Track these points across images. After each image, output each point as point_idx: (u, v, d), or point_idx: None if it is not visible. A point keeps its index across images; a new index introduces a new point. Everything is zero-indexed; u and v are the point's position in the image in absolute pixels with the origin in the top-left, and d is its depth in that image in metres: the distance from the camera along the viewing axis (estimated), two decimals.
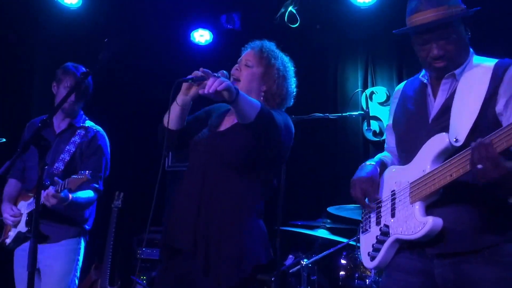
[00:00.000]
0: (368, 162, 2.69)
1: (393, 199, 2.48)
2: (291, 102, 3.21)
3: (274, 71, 3.09)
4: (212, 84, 2.58)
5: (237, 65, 3.10)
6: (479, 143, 2.13)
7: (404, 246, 2.44)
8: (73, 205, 3.65)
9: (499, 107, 2.33)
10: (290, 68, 3.22)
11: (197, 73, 2.82)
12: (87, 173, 3.48)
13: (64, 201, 3.54)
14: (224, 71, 2.92)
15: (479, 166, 2.11)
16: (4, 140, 3.97)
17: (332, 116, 4.59)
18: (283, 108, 3.19)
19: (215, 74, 2.74)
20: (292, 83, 3.19)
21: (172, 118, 2.96)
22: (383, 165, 2.69)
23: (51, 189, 3.47)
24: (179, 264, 2.89)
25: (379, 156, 2.80)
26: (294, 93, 3.20)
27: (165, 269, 2.96)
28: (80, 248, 3.84)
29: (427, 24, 2.42)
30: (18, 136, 3.99)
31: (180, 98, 2.95)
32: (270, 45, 3.20)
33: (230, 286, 2.74)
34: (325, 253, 4.76)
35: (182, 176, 3.06)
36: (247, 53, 3.13)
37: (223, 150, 2.88)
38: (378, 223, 2.54)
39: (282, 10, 5.63)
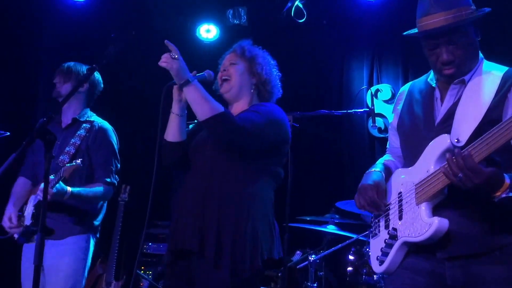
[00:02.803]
0: (373, 169, 2.67)
1: (400, 201, 2.48)
2: (280, 90, 3.27)
3: (258, 60, 3.17)
4: (162, 59, 2.86)
5: (222, 68, 3.15)
6: (456, 154, 2.15)
7: (413, 249, 2.42)
8: (77, 199, 3.63)
9: (504, 116, 2.31)
10: (269, 58, 3.29)
11: None
12: (79, 161, 3.46)
13: (61, 194, 3.51)
14: (210, 71, 3.04)
15: (460, 175, 2.14)
16: (8, 133, 3.96)
17: (337, 112, 4.59)
18: (275, 97, 3.25)
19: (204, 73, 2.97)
20: (276, 70, 3.27)
21: (173, 130, 3.01)
22: (387, 171, 2.68)
23: (40, 185, 3.45)
24: (188, 263, 2.92)
25: (382, 161, 2.78)
26: (280, 83, 3.27)
27: (173, 270, 2.98)
28: (87, 246, 3.77)
29: (437, 29, 2.38)
30: (24, 132, 3.99)
31: (176, 106, 2.99)
32: (246, 42, 3.27)
33: (242, 280, 2.81)
34: (333, 248, 4.77)
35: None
36: (227, 57, 3.20)
37: (207, 125, 2.89)
38: (386, 226, 2.53)
39: (289, 5, 5.61)
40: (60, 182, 3.49)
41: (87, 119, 3.93)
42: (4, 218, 3.77)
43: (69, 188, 3.54)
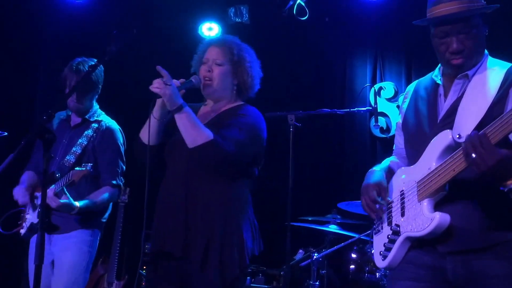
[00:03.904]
0: (375, 168, 2.68)
1: (402, 199, 2.48)
2: (258, 86, 3.25)
3: (245, 64, 3.14)
4: (154, 84, 2.86)
5: (206, 65, 3.11)
6: (472, 135, 2.14)
7: (415, 244, 2.43)
8: (85, 209, 3.65)
9: (505, 112, 2.29)
10: (254, 55, 3.25)
11: (176, 82, 2.94)
12: (89, 166, 3.49)
13: (69, 209, 3.56)
14: (197, 76, 3.06)
15: (473, 155, 2.11)
16: (5, 134, 3.95)
17: (340, 111, 4.56)
18: (253, 92, 3.24)
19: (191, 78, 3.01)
20: (259, 70, 3.24)
21: (151, 133, 3.02)
22: (390, 171, 2.69)
23: (50, 191, 3.47)
24: (172, 266, 2.96)
25: (386, 162, 2.78)
26: (261, 75, 3.26)
27: (157, 272, 3.01)
28: (93, 240, 3.80)
29: (450, 15, 2.39)
30: (22, 131, 3.97)
31: (158, 112, 3.01)
32: (234, 39, 3.24)
33: (232, 279, 2.88)
34: (336, 247, 4.77)
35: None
36: (214, 52, 3.14)
37: (195, 153, 2.92)
38: (389, 223, 2.54)
39: (291, 2, 5.59)
40: (70, 198, 3.53)
41: (96, 118, 3.92)
42: (20, 188, 3.77)
43: (77, 204, 3.58)
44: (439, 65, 2.59)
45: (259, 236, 3.11)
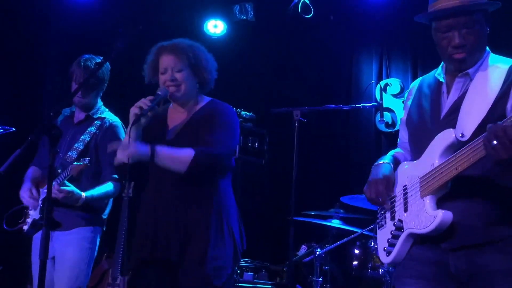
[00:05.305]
0: (382, 161, 2.68)
1: (405, 194, 2.50)
2: (216, 76, 3.31)
3: (202, 63, 3.21)
4: (118, 155, 3.02)
5: (166, 75, 3.16)
6: (493, 125, 2.10)
7: (418, 240, 2.45)
8: (90, 202, 3.69)
9: (509, 108, 2.32)
10: (206, 50, 3.31)
11: (145, 102, 3.06)
12: (86, 160, 3.54)
13: (75, 199, 3.60)
14: (162, 88, 3.13)
15: (494, 142, 2.08)
16: (13, 129, 3.98)
17: (346, 107, 4.58)
18: (213, 83, 3.31)
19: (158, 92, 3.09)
20: (214, 61, 3.31)
21: None
22: (396, 162, 2.69)
23: (54, 184, 3.49)
24: (166, 272, 3.05)
25: (391, 152, 2.80)
26: (216, 66, 3.33)
27: (147, 279, 3.12)
28: (94, 237, 3.82)
29: (453, 9, 2.40)
30: (29, 128, 4.00)
31: (132, 132, 3.08)
32: (184, 41, 3.27)
33: (227, 276, 3.02)
34: (338, 243, 4.78)
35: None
36: (170, 59, 3.18)
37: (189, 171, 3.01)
38: (392, 218, 2.55)
39: (295, 1, 5.60)
40: (75, 188, 3.57)
41: (100, 115, 3.94)
42: (25, 191, 3.80)
43: (83, 194, 3.62)
44: (442, 63, 2.60)
45: (244, 231, 3.22)
